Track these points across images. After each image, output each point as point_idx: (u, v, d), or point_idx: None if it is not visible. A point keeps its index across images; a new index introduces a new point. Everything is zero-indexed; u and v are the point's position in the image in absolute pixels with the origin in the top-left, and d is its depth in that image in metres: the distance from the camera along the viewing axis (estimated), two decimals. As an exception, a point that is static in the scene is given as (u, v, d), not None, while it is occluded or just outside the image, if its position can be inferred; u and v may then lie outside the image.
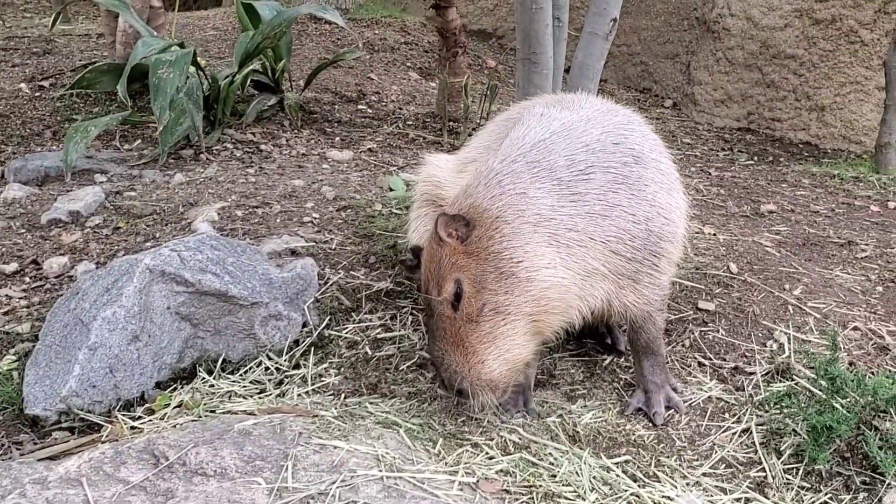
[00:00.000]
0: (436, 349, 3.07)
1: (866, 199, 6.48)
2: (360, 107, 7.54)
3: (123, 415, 3.40)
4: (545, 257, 3.02)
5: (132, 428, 3.31)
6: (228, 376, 3.68)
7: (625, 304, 3.27)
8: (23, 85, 7.17)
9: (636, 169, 3.21)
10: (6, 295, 4.13)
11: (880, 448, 2.94)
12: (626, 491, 2.94)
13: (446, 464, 2.97)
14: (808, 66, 9.24)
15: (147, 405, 3.48)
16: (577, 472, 3.01)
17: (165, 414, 3.39)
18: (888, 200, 6.42)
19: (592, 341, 3.87)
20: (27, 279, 4.28)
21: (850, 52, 9.06)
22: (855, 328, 3.87)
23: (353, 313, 3.99)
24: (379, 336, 3.86)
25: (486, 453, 3.08)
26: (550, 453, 3.11)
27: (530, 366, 3.47)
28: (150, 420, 3.35)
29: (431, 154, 4.07)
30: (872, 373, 3.50)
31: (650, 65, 10.29)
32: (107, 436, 3.24)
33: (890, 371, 3.48)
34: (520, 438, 3.18)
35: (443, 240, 3.03)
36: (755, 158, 8.17)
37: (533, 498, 2.86)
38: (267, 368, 3.72)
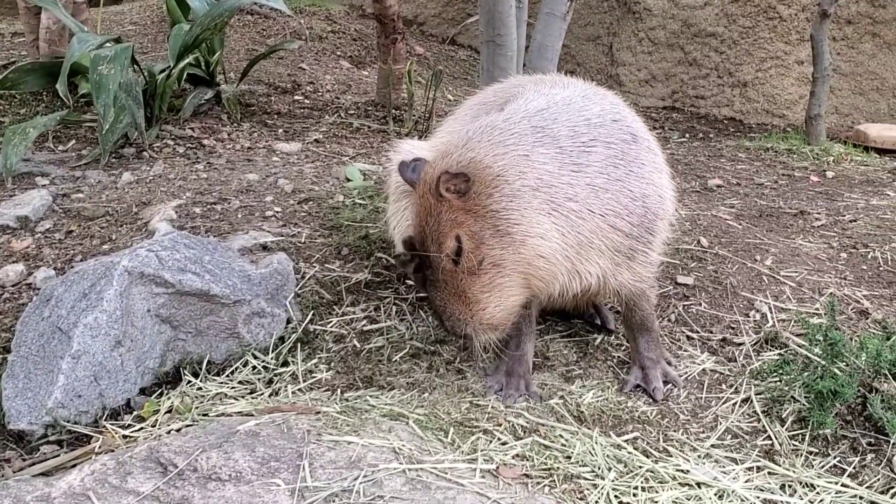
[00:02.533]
0: (437, 299, 3.11)
1: (804, 169, 6.65)
2: (296, 97, 7.40)
3: (112, 424, 3.26)
4: (541, 225, 3.02)
5: (124, 437, 3.18)
6: (215, 378, 3.56)
7: (620, 282, 3.27)
8: (-61, 88, 6.82)
9: (634, 147, 3.23)
10: (-39, 307, 3.92)
11: (884, 409, 3.01)
12: (642, 467, 2.95)
13: (463, 452, 2.93)
14: (728, 43, 9.44)
15: (135, 413, 3.34)
16: (590, 452, 3.01)
17: (157, 420, 3.26)
18: (825, 170, 6.61)
19: (581, 321, 3.87)
20: (-19, 289, 4.07)
21: (769, 27, 9.29)
22: (831, 294, 3.95)
23: (335, 307, 3.90)
24: (365, 328, 3.79)
25: (499, 439, 3.04)
26: (561, 435, 3.10)
27: (528, 350, 3.45)
28: (143, 427, 3.22)
29: (402, 141, 3.99)
30: (857, 336, 3.58)
31: (572, 48, 10.35)
32: (100, 447, 3.10)
33: (875, 333, 3.56)
34: (527, 422, 3.16)
35: (442, 195, 3.00)
36: (686, 136, 8.31)
37: (554, 481, 2.84)
38: (254, 368, 3.61)
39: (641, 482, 2.88)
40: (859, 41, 9.24)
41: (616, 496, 2.81)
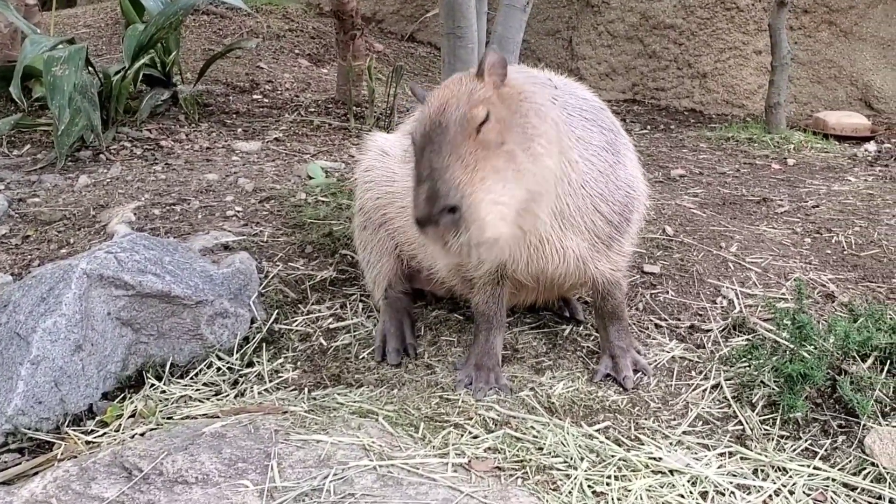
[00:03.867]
0: (436, 161, 2.62)
1: (765, 157, 6.68)
2: (255, 96, 7.32)
3: (74, 430, 3.18)
4: (554, 157, 2.86)
5: (87, 443, 3.10)
6: (179, 381, 3.50)
7: (598, 269, 3.26)
8: None
9: (618, 137, 3.24)
10: (-85, 316, 3.81)
11: (854, 391, 3.01)
12: (614, 456, 2.92)
13: (434, 447, 2.89)
14: (687, 34, 9.48)
15: (98, 418, 3.27)
16: (562, 443, 2.98)
17: (120, 425, 3.19)
18: (786, 158, 6.64)
19: (550, 313, 3.84)
20: (-64, 297, 3.96)
21: (726, 18, 9.34)
22: (798, 278, 3.96)
23: (300, 305, 3.85)
24: (331, 326, 3.74)
25: (470, 433, 3.00)
26: (532, 426, 3.06)
27: (497, 343, 3.42)
28: (106, 433, 3.15)
29: (374, 133, 3.94)
30: (825, 319, 3.59)
31: (532, 42, 10.32)
32: (63, 453, 3.03)
33: (842, 315, 3.57)
34: (498, 415, 3.12)
35: (483, 75, 2.77)
36: (648, 128, 8.33)
37: (527, 472, 2.81)
38: (219, 369, 3.55)
39: (614, 471, 2.85)
40: (816, 30, 9.32)
41: (589, 486, 2.78)
